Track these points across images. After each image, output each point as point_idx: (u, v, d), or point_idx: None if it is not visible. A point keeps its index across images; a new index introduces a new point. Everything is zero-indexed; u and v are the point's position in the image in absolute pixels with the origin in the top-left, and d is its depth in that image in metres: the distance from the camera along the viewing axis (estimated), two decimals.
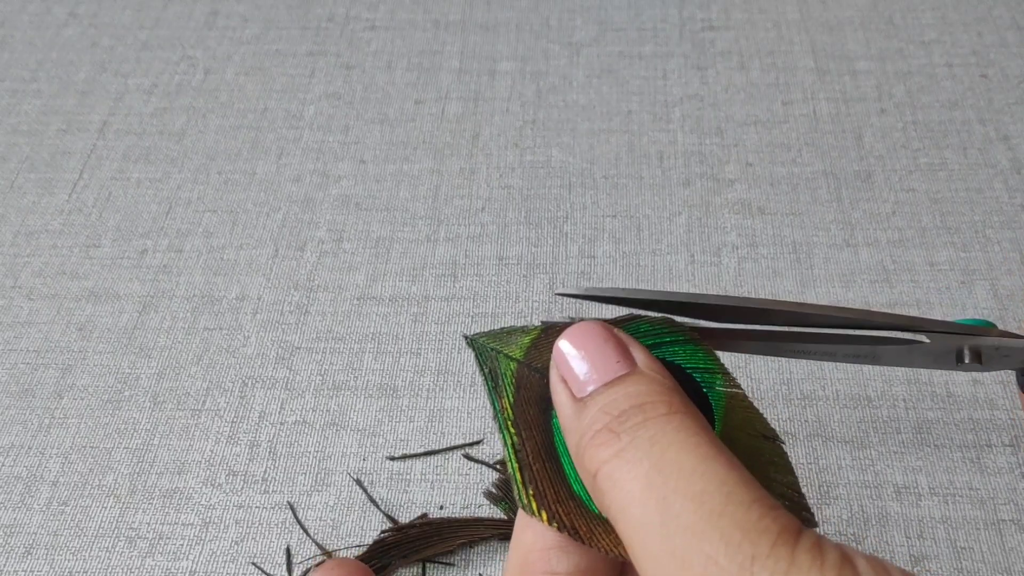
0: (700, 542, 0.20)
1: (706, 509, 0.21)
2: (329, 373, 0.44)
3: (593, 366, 0.24)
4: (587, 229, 0.49)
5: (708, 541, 0.20)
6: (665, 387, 0.24)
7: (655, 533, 0.21)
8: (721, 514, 0.21)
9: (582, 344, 0.25)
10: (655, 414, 0.23)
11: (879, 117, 0.54)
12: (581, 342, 0.25)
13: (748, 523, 0.21)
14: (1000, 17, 0.59)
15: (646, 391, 0.23)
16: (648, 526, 0.21)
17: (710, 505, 0.21)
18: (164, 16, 0.62)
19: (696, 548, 0.20)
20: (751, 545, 0.20)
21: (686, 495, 0.21)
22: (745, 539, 0.20)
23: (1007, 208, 0.49)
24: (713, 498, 0.21)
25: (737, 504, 0.21)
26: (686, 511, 0.21)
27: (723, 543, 0.20)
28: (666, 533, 0.21)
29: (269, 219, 0.50)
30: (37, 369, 0.44)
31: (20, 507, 0.40)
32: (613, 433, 0.23)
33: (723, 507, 0.21)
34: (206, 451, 0.41)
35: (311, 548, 0.38)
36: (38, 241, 0.50)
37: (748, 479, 0.21)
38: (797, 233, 0.48)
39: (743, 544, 0.20)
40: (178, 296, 0.47)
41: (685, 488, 0.21)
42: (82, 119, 0.56)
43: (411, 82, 0.57)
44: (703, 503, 0.21)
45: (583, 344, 0.25)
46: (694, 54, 0.58)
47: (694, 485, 0.21)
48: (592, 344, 0.25)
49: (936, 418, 0.41)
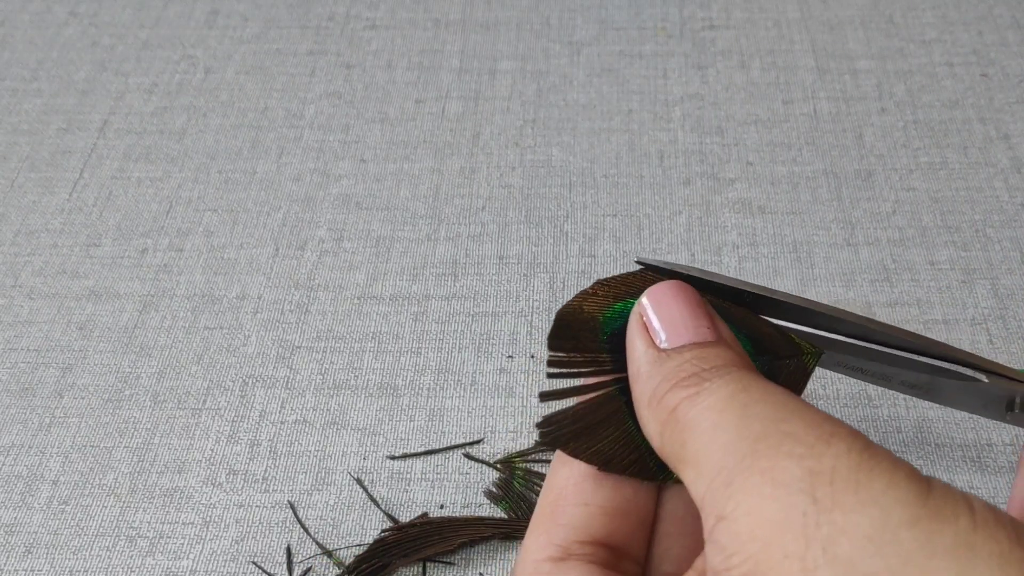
0: (778, 424, 0.21)
1: (790, 406, 0.21)
2: (329, 372, 0.44)
3: (684, 324, 0.24)
4: (587, 228, 0.49)
5: (787, 423, 0.21)
6: (749, 361, 0.24)
7: (732, 427, 0.21)
8: (804, 410, 0.21)
9: (675, 302, 0.25)
10: (746, 372, 0.23)
11: (879, 116, 0.54)
12: (675, 299, 0.25)
13: (830, 419, 0.21)
14: (1001, 16, 0.59)
15: (735, 358, 0.24)
16: (724, 427, 0.21)
17: (793, 406, 0.21)
18: (164, 15, 0.62)
19: (774, 428, 0.21)
20: (832, 426, 0.20)
21: (768, 402, 0.22)
22: (827, 422, 0.21)
23: (1007, 207, 0.49)
24: (795, 404, 0.22)
25: (817, 411, 0.21)
26: (768, 409, 0.21)
27: (803, 423, 0.21)
28: (744, 424, 0.21)
29: (269, 218, 0.50)
30: (38, 368, 0.44)
31: (20, 506, 0.40)
32: (702, 378, 0.23)
33: (804, 408, 0.21)
34: (206, 450, 0.41)
35: (311, 547, 0.38)
36: (38, 240, 0.50)
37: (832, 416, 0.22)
38: (797, 232, 0.48)
39: (824, 424, 0.20)
40: (178, 295, 0.47)
41: (769, 398, 0.22)
42: (82, 118, 0.56)
43: (411, 81, 0.57)
44: (786, 404, 0.21)
45: (676, 302, 0.25)
46: (694, 53, 0.58)
47: (778, 396, 0.22)
48: (686, 304, 0.25)
49: (936, 417, 0.41)
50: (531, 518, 0.26)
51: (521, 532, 0.38)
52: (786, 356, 0.26)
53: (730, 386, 0.22)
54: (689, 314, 0.25)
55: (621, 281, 0.26)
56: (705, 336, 0.24)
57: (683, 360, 0.24)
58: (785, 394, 0.22)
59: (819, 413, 0.21)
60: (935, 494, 0.19)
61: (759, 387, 0.22)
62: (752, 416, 0.21)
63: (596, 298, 0.26)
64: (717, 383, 0.23)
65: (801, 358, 0.27)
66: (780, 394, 0.22)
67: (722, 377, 0.23)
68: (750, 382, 0.22)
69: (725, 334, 0.25)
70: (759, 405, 0.22)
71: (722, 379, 0.23)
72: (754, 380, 0.23)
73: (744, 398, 0.22)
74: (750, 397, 0.22)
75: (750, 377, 0.23)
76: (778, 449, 0.20)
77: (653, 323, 0.25)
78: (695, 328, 0.24)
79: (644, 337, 0.25)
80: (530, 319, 0.45)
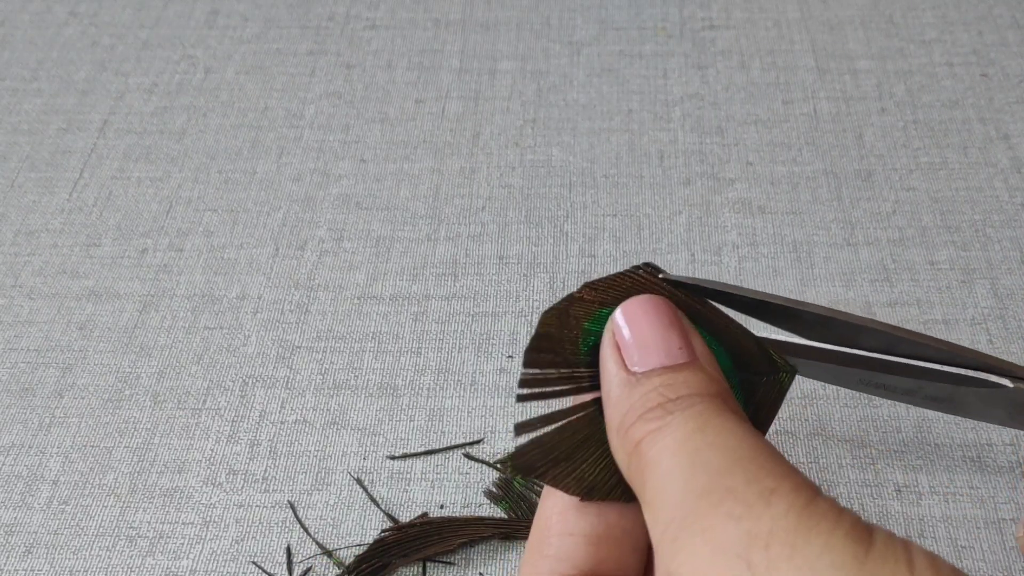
0: (723, 478, 0.20)
1: (736, 456, 0.21)
2: (329, 372, 0.44)
3: (655, 345, 0.24)
4: (588, 228, 0.49)
5: (731, 476, 0.20)
6: (721, 385, 0.24)
7: (681, 476, 0.21)
8: (750, 460, 0.21)
9: (647, 320, 0.24)
10: (710, 400, 0.23)
11: (879, 116, 0.54)
12: (646, 317, 0.24)
13: (775, 471, 0.21)
14: (1001, 16, 0.59)
15: (705, 383, 0.23)
16: (675, 474, 0.21)
17: (740, 454, 0.21)
18: (165, 15, 0.62)
19: (717, 482, 0.20)
20: (774, 481, 0.20)
21: (718, 447, 0.21)
22: (769, 477, 0.20)
23: (1007, 207, 0.49)
24: (744, 450, 0.21)
25: (767, 458, 0.21)
26: (715, 458, 0.21)
27: (745, 477, 0.20)
28: (691, 475, 0.21)
29: (269, 218, 0.50)
30: (37, 368, 0.44)
31: (20, 506, 0.40)
32: (666, 411, 0.23)
33: (752, 456, 0.21)
34: (206, 450, 0.41)
35: (311, 547, 0.38)
36: (38, 240, 0.50)
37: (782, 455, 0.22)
38: (797, 232, 0.48)
39: (766, 480, 0.20)
40: (178, 295, 0.47)
41: (720, 442, 0.21)
42: (82, 118, 0.56)
43: (411, 81, 0.57)
44: (734, 452, 0.21)
45: (648, 320, 0.24)
46: (694, 53, 0.58)
47: (729, 441, 0.21)
48: (658, 323, 0.24)
49: (937, 416, 0.41)
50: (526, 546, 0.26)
51: (521, 532, 0.38)
52: (763, 373, 0.26)
53: (688, 424, 0.22)
54: (662, 333, 0.24)
55: (609, 284, 0.25)
56: (675, 358, 0.24)
57: (651, 387, 0.23)
58: (739, 436, 0.22)
59: (767, 461, 0.21)
60: (874, 553, 0.19)
61: (716, 427, 0.22)
62: (700, 465, 0.21)
63: (583, 303, 0.25)
64: (678, 419, 0.22)
65: (777, 375, 0.26)
66: (734, 437, 0.22)
67: (684, 411, 0.22)
68: (708, 419, 0.22)
69: (700, 352, 0.24)
70: (709, 452, 0.21)
71: (683, 414, 0.22)
72: (713, 416, 0.22)
73: (697, 442, 0.22)
74: (703, 441, 0.22)
75: (711, 412, 0.22)
76: (718, 508, 0.20)
77: (625, 341, 0.24)
78: (666, 349, 0.24)
79: (616, 358, 0.24)
80: (530, 319, 0.45)
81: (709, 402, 0.23)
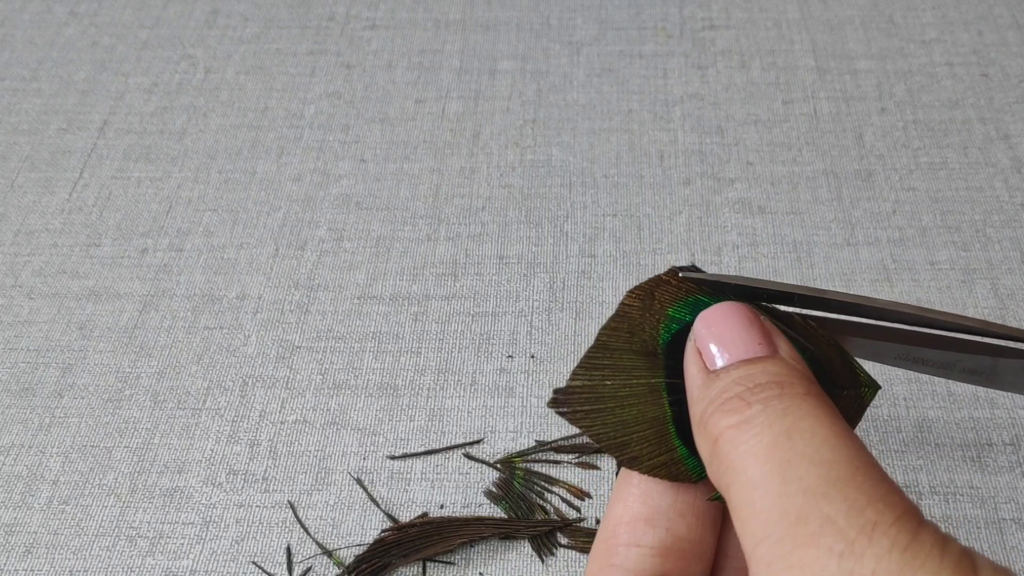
0: (820, 502, 0.20)
1: (832, 475, 0.20)
2: (329, 372, 0.44)
3: (734, 343, 0.24)
4: (588, 228, 0.49)
5: (829, 502, 0.20)
6: (805, 375, 0.23)
7: (772, 492, 0.20)
8: (847, 482, 0.20)
9: (726, 321, 0.24)
10: (792, 392, 0.22)
11: (880, 116, 0.54)
12: (726, 319, 0.24)
13: (875, 495, 0.20)
14: (1001, 16, 0.59)
15: (786, 372, 0.23)
16: (765, 485, 0.21)
17: (836, 472, 0.20)
18: (165, 15, 0.62)
19: (814, 507, 0.20)
20: (875, 513, 0.19)
21: (812, 460, 0.20)
22: (869, 506, 0.19)
23: (1007, 207, 0.49)
24: (841, 467, 0.20)
25: (865, 477, 0.20)
26: (810, 474, 0.20)
27: (845, 505, 0.19)
28: (784, 492, 0.20)
29: (269, 218, 0.50)
30: (38, 368, 0.44)
31: (21, 506, 0.40)
32: (744, 402, 0.22)
33: (850, 476, 0.20)
34: (206, 450, 0.41)
35: (311, 547, 0.38)
36: (38, 240, 0.50)
37: (877, 464, 0.21)
38: (798, 232, 0.48)
39: (867, 511, 0.19)
40: (178, 295, 0.47)
41: (812, 454, 0.21)
42: (82, 118, 0.56)
43: (411, 81, 0.57)
44: (830, 470, 0.20)
45: (728, 321, 0.24)
46: (694, 53, 0.58)
47: (823, 453, 0.21)
48: (737, 322, 0.24)
49: (937, 417, 0.41)
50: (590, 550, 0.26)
51: (521, 532, 0.38)
52: (844, 387, 0.26)
53: (774, 427, 0.21)
54: (741, 330, 0.24)
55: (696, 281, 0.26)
56: (755, 352, 0.23)
57: (729, 380, 0.23)
58: (833, 446, 0.21)
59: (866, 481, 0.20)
60: None
61: (807, 432, 0.21)
62: (795, 481, 0.20)
63: (669, 288, 0.26)
64: (760, 417, 0.22)
65: (859, 389, 0.26)
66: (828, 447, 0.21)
67: (766, 407, 0.22)
68: (797, 421, 0.21)
69: (783, 348, 0.24)
70: (803, 465, 0.20)
71: (765, 411, 0.22)
72: (802, 418, 0.21)
73: (787, 452, 0.21)
74: (794, 451, 0.21)
75: (799, 410, 0.22)
76: (818, 541, 0.19)
77: (707, 346, 0.24)
78: (745, 344, 0.24)
79: (697, 362, 0.24)
80: (530, 319, 0.45)
81: (794, 396, 0.22)
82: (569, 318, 0.45)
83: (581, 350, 0.44)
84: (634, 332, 0.26)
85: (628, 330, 0.26)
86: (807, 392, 0.22)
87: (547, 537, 0.38)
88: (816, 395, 0.22)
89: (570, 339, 0.44)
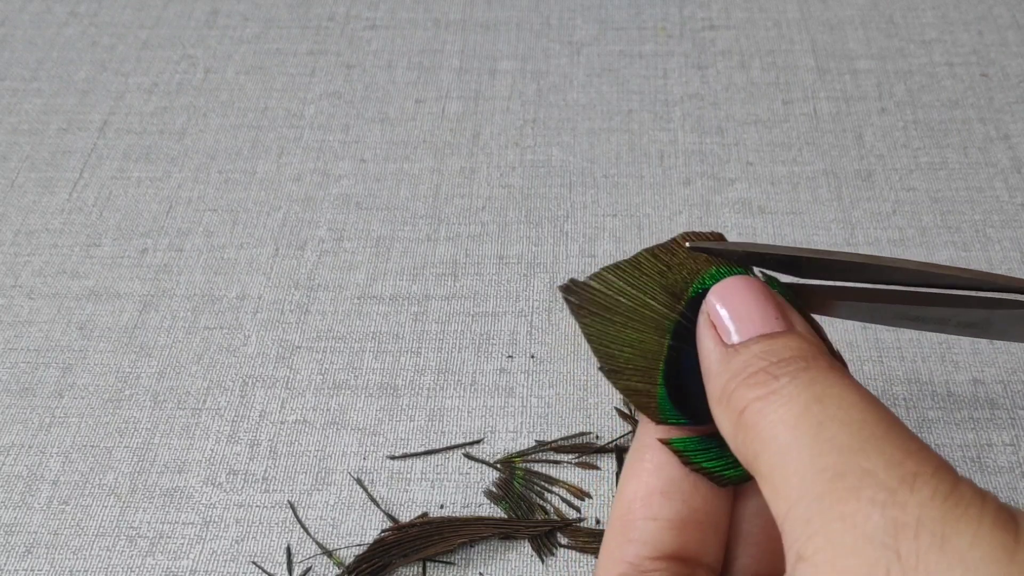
0: (857, 457, 0.20)
1: (866, 433, 0.20)
2: (329, 372, 0.44)
3: (751, 317, 0.24)
4: (588, 228, 0.49)
5: (866, 457, 0.20)
6: (824, 350, 0.23)
7: (805, 454, 0.20)
8: (882, 438, 0.20)
9: (741, 295, 0.24)
10: (817, 364, 0.22)
11: (879, 116, 0.54)
12: (740, 293, 0.24)
13: (911, 449, 0.20)
14: (1001, 16, 0.59)
15: (808, 347, 0.23)
16: (797, 449, 0.20)
17: (870, 431, 0.20)
18: (164, 15, 0.62)
19: (852, 463, 0.20)
20: (915, 464, 0.19)
21: (844, 421, 0.20)
22: (908, 459, 0.19)
23: (1007, 207, 0.49)
24: (874, 426, 0.20)
25: (899, 434, 0.20)
26: (843, 434, 0.20)
27: (883, 459, 0.19)
28: (818, 451, 0.20)
29: (269, 218, 0.50)
30: (38, 368, 0.44)
31: (20, 506, 0.40)
32: (771, 375, 0.22)
33: (884, 433, 0.20)
34: (206, 450, 0.41)
35: (311, 547, 0.38)
36: (38, 240, 0.50)
37: (906, 426, 0.21)
38: (798, 232, 0.48)
39: (906, 462, 0.19)
40: (178, 295, 0.47)
41: (844, 416, 0.21)
42: (82, 118, 0.56)
43: (411, 81, 0.57)
44: (863, 428, 0.20)
45: (742, 295, 0.24)
46: (694, 53, 0.58)
47: (853, 414, 0.21)
48: (752, 297, 0.24)
49: (936, 417, 0.41)
50: (604, 531, 0.26)
51: (521, 532, 0.38)
52: None
53: (803, 394, 0.21)
54: (756, 306, 0.24)
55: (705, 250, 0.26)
56: (774, 327, 0.23)
57: (751, 355, 0.23)
58: (863, 408, 0.21)
59: (899, 438, 0.20)
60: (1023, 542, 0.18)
61: (835, 396, 0.21)
62: (827, 441, 0.20)
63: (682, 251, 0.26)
64: (788, 388, 0.22)
65: None
66: (857, 409, 0.21)
67: (794, 379, 0.22)
68: (825, 388, 0.21)
69: (798, 324, 0.24)
70: (835, 427, 0.20)
71: (794, 383, 0.22)
72: (830, 385, 0.21)
73: (818, 415, 0.21)
74: (825, 414, 0.21)
75: (826, 379, 0.22)
76: (859, 493, 0.19)
77: (722, 319, 0.24)
78: (763, 319, 0.24)
79: (713, 335, 0.24)
80: (530, 319, 0.45)
81: (819, 368, 0.22)
82: (569, 318, 0.45)
83: (581, 350, 0.44)
84: (671, 268, 0.26)
85: (666, 263, 0.26)
86: (831, 366, 0.22)
87: (547, 537, 0.38)
88: (840, 368, 0.23)
89: (570, 339, 0.44)
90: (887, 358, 0.43)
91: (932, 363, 0.43)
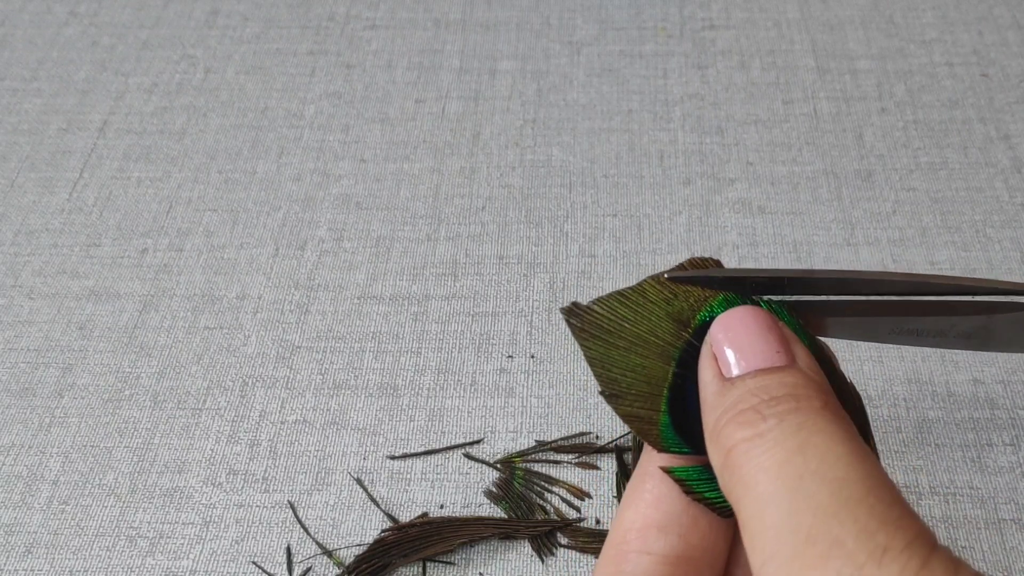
0: (830, 523, 0.19)
1: (844, 495, 0.20)
2: (329, 372, 0.44)
3: (752, 351, 0.23)
4: (588, 228, 0.49)
5: (840, 523, 0.19)
6: (822, 387, 0.23)
7: (782, 509, 0.20)
8: (859, 502, 0.20)
9: (744, 326, 0.24)
10: (808, 405, 0.22)
11: (880, 116, 0.54)
12: (743, 324, 0.24)
13: (887, 518, 0.19)
14: (1001, 16, 0.59)
15: (803, 384, 0.23)
16: (775, 502, 0.20)
17: (848, 492, 0.20)
18: (164, 15, 0.62)
19: (824, 528, 0.19)
20: (886, 537, 0.19)
21: (824, 478, 0.20)
22: (881, 530, 0.19)
23: (1007, 207, 0.49)
24: (853, 487, 0.20)
25: (878, 498, 0.20)
26: (821, 492, 0.20)
27: (856, 528, 0.19)
28: (794, 509, 0.20)
29: (269, 218, 0.50)
30: (37, 368, 0.44)
31: (20, 506, 0.40)
32: (759, 414, 0.22)
33: (862, 496, 0.20)
34: (206, 450, 0.41)
35: (311, 547, 0.38)
36: (38, 240, 0.50)
37: (892, 483, 0.20)
38: (798, 232, 0.48)
39: (878, 534, 0.19)
40: (178, 295, 0.47)
41: (825, 472, 0.20)
42: (82, 118, 0.56)
43: (411, 81, 0.57)
44: (841, 489, 0.20)
45: (745, 326, 0.24)
46: (694, 53, 0.58)
47: (835, 471, 0.20)
48: (755, 328, 0.24)
49: (937, 417, 0.41)
50: (598, 559, 0.25)
51: (521, 532, 0.38)
52: (852, 408, 0.25)
53: (787, 442, 0.21)
54: (758, 338, 0.24)
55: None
56: (773, 361, 0.23)
57: (745, 390, 0.23)
58: (846, 464, 0.20)
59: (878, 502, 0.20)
60: None
61: (819, 448, 0.21)
62: (804, 499, 0.20)
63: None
64: (775, 432, 0.21)
65: (866, 414, 0.26)
66: (841, 464, 0.20)
67: (781, 422, 0.21)
68: (810, 437, 0.21)
69: (802, 357, 0.24)
70: (813, 483, 0.20)
71: (780, 427, 0.21)
72: (816, 433, 0.21)
73: (799, 467, 0.20)
74: (806, 467, 0.20)
75: (814, 426, 0.21)
76: (827, 563, 0.19)
77: (723, 351, 0.24)
78: (763, 353, 0.23)
79: (712, 366, 0.24)
80: (530, 319, 0.45)
81: (810, 411, 0.22)
82: None
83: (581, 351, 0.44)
84: (677, 295, 0.26)
85: (672, 291, 0.26)
86: (824, 406, 0.22)
87: (547, 537, 0.38)
88: (833, 409, 0.22)
89: (570, 339, 0.44)
90: (887, 358, 0.43)
91: (932, 363, 0.43)
